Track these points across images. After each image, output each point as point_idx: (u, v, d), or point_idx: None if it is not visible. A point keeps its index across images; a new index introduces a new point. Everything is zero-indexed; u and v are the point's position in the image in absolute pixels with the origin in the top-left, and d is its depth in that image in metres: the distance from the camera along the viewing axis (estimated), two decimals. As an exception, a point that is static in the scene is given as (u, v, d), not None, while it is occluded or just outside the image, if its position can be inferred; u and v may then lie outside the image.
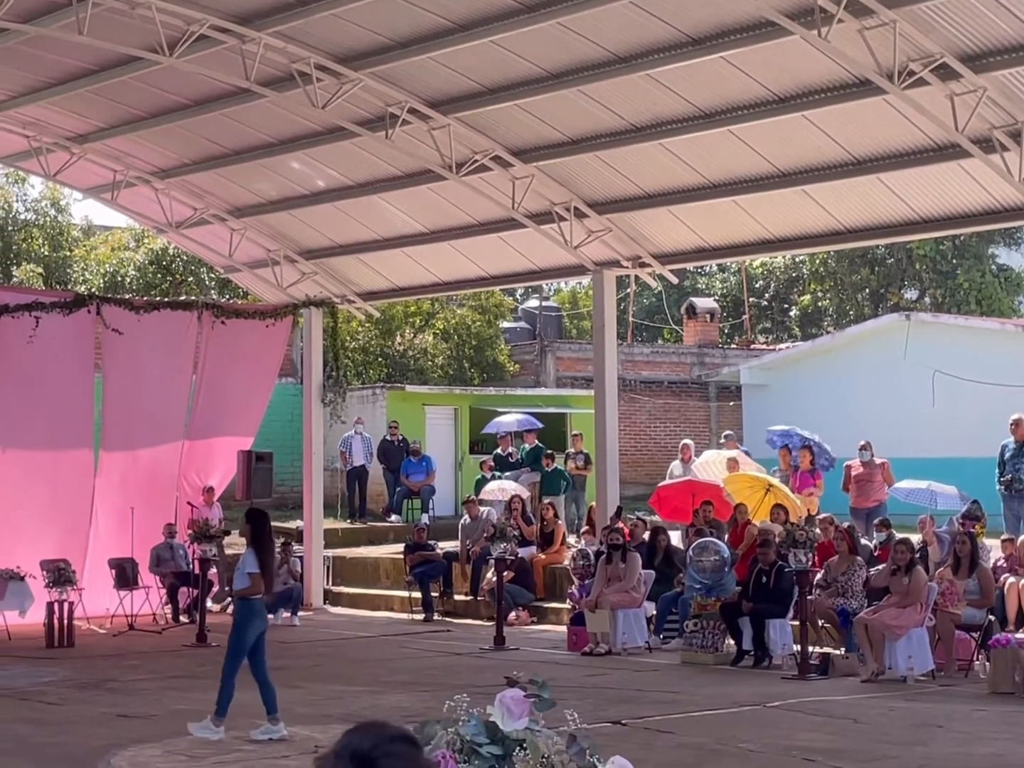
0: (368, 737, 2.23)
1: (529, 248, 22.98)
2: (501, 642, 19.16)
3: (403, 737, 2.25)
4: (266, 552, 12.98)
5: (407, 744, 2.24)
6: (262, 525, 13.02)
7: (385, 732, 2.24)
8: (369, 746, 2.21)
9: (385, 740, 2.24)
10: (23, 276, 34.23)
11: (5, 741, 12.68)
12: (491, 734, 3.63)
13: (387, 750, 2.22)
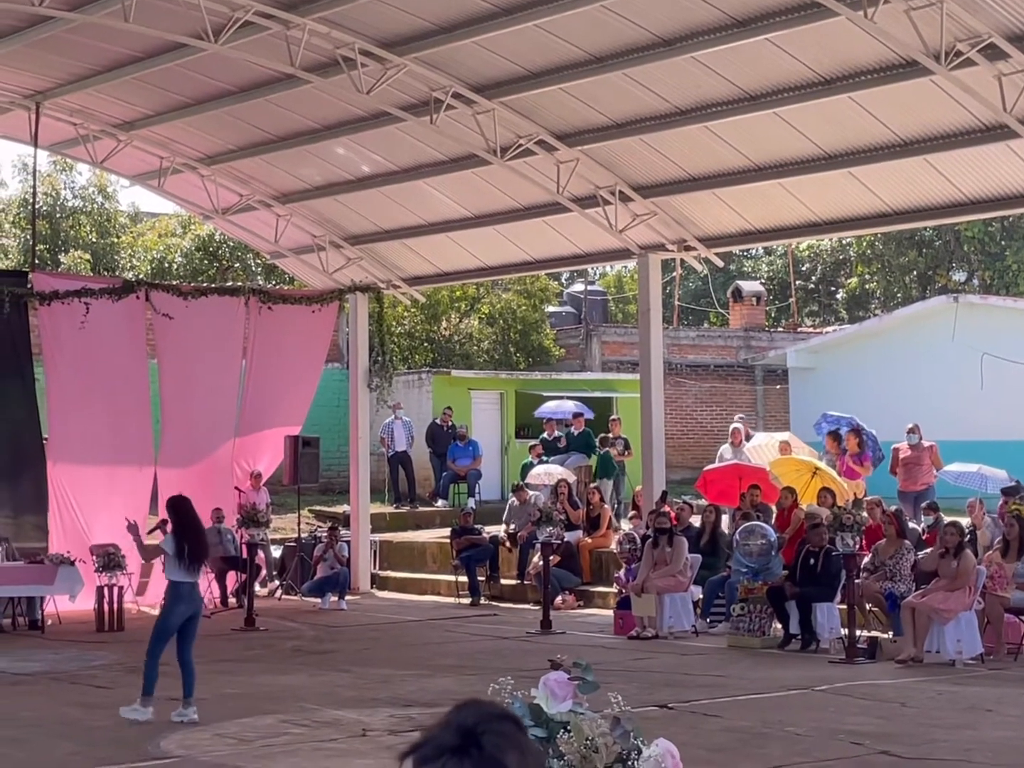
0: (473, 713, 2.29)
1: (574, 232, 22.95)
2: (548, 626, 19.18)
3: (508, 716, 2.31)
4: (187, 536, 13.13)
5: (511, 723, 2.30)
6: (182, 510, 13.37)
7: (491, 710, 2.30)
8: (474, 722, 2.27)
9: (490, 717, 2.30)
10: (71, 263, 34.45)
11: (56, 724, 12.80)
12: (535, 716, 3.64)
13: (491, 727, 2.27)
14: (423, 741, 2.33)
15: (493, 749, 2.28)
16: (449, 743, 2.28)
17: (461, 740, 2.29)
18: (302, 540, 24.77)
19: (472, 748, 2.27)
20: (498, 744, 2.29)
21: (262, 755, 11.36)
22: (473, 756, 2.26)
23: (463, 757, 2.26)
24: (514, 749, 2.30)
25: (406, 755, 2.33)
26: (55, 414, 22.62)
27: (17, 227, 36.73)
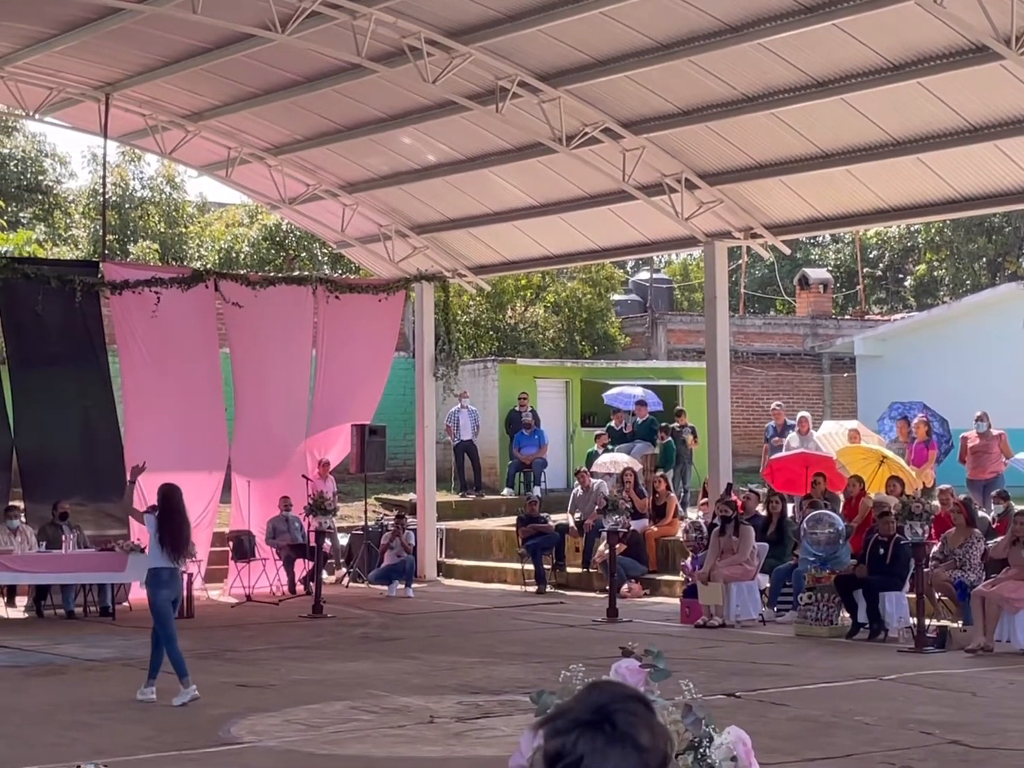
0: (607, 692, 2.37)
1: (640, 220, 22.90)
2: (614, 614, 19.19)
3: (639, 697, 2.39)
4: (169, 525, 13.47)
5: (642, 704, 2.37)
6: (168, 498, 13.69)
7: (623, 691, 2.38)
8: (607, 699, 2.35)
9: (622, 697, 2.37)
10: (140, 253, 34.75)
11: (128, 709, 12.95)
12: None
13: (623, 706, 2.35)
14: (557, 714, 2.40)
15: (626, 726, 2.34)
16: (583, 718, 2.35)
17: (594, 715, 2.36)
18: (369, 528, 24.89)
19: (605, 724, 2.33)
20: (631, 721, 2.36)
21: (331, 741, 11.44)
22: (606, 731, 2.32)
23: (596, 732, 2.32)
24: (646, 727, 2.36)
25: (541, 726, 2.40)
26: (130, 402, 22.85)
27: (87, 218, 37.10)
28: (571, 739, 2.33)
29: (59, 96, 22.74)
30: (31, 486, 22.20)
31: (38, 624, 19.97)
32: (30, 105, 22.92)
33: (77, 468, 22.26)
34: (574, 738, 2.32)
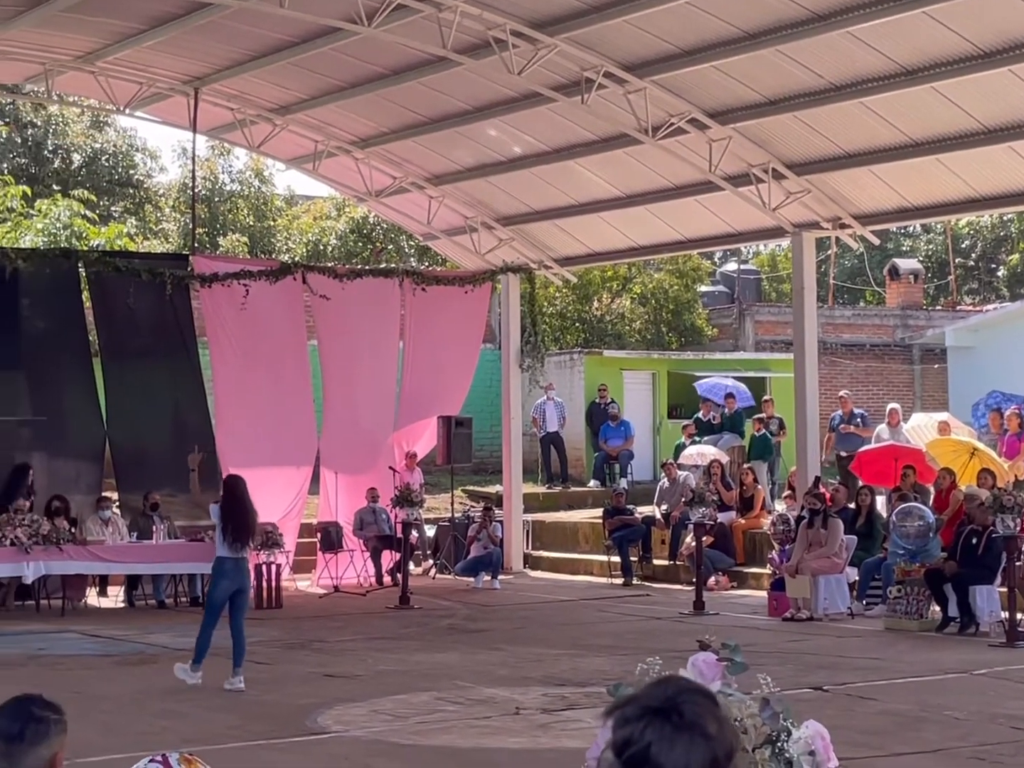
0: (674, 685, 2.42)
1: (727, 211, 22.77)
2: (701, 607, 19.12)
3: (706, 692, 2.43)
4: (232, 515, 13.69)
5: (707, 698, 2.41)
6: (231, 489, 13.99)
7: (689, 684, 2.43)
8: (675, 691, 2.38)
9: (690, 691, 2.41)
10: (229, 246, 35.05)
11: (216, 698, 13.08)
12: (684, 697, 3.64)
13: (691, 698, 2.39)
14: (627, 701, 2.42)
15: (693, 715, 2.38)
16: (652, 705, 2.37)
17: (662, 705, 2.39)
18: (455, 520, 24.96)
19: (673, 713, 2.36)
20: (698, 712, 2.39)
21: (417, 731, 11.49)
22: (674, 720, 2.35)
23: (664, 720, 2.35)
24: (713, 718, 2.39)
25: (610, 712, 2.42)
26: (220, 393, 23.06)
27: (177, 211, 37.48)
28: (639, 727, 2.34)
29: (149, 91, 22.97)
30: (123, 477, 22.49)
31: (130, 614, 20.22)
32: (121, 100, 23.17)
33: (168, 459, 22.49)
34: (642, 726, 2.34)
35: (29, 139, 36.43)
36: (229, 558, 13.66)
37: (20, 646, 16.71)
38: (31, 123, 36.57)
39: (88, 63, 21.89)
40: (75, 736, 4.62)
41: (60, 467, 22.02)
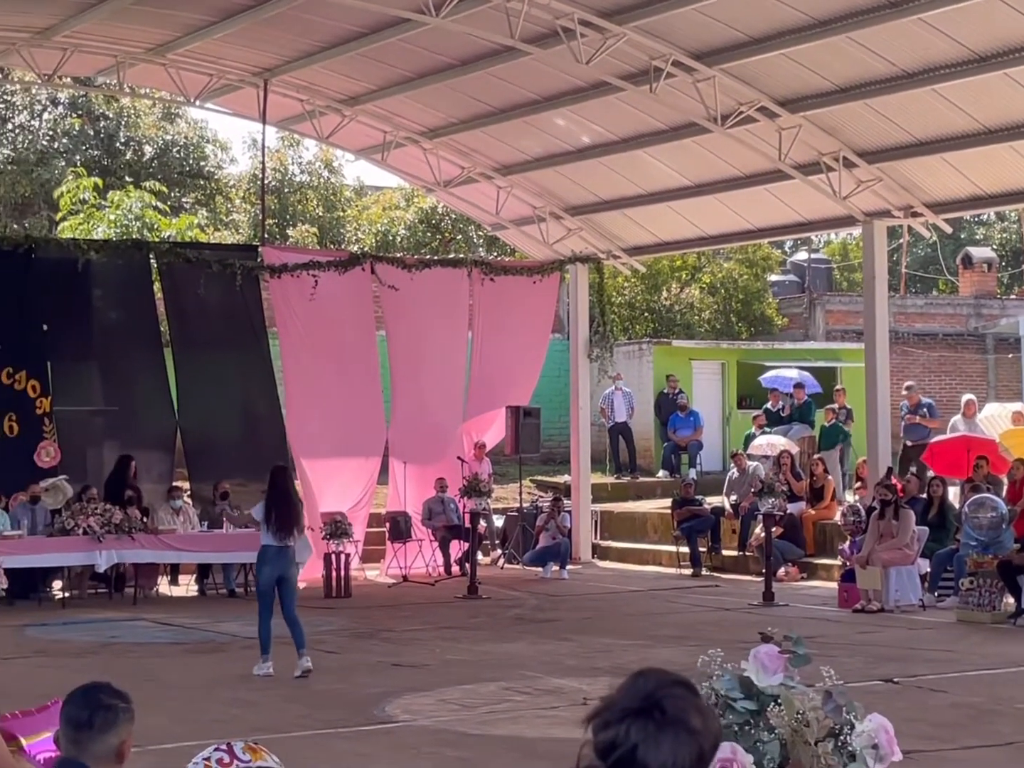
0: (652, 679, 2.37)
1: (797, 200, 22.62)
2: (770, 598, 19.03)
3: (684, 682, 2.39)
4: (275, 505, 13.91)
5: (686, 688, 2.36)
6: (274, 481, 14.19)
7: (667, 677, 2.39)
8: (653, 687, 2.34)
9: (668, 683, 2.37)
10: (298, 237, 35.20)
11: (285, 687, 13.16)
12: (745, 689, 3.62)
13: (670, 692, 2.34)
14: (605, 706, 2.39)
15: (675, 711, 2.34)
16: (632, 706, 2.34)
17: (643, 704, 2.34)
18: (524, 510, 24.97)
19: (655, 711, 2.32)
20: (680, 706, 2.35)
21: (484, 721, 11.51)
22: (656, 718, 2.31)
23: (647, 719, 2.31)
24: (695, 711, 2.35)
25: (590, 719, 2.38)
26: (290, 384, 23.19)
27: (247, 202, 37.67)
28: (622, 729, 2.32)
29: (219, 83, 23.10)
30: (194, 467, 22.66)
31: (200, 602, 20.38)
32: (191, 92, 23.32)
33: (238, 448, 22.66)
34: (625, 727, 2.31)
35: (101, 131, 36.74)
36: (272, 546, 13.93)
37: (93, 634, 16.90)
38: (103, 115, 36.88)
39: (159, 55, 22.05)
40: (146, 723, 4.66)
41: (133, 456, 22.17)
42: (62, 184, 31.68)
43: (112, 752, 4.60)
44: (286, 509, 14.00)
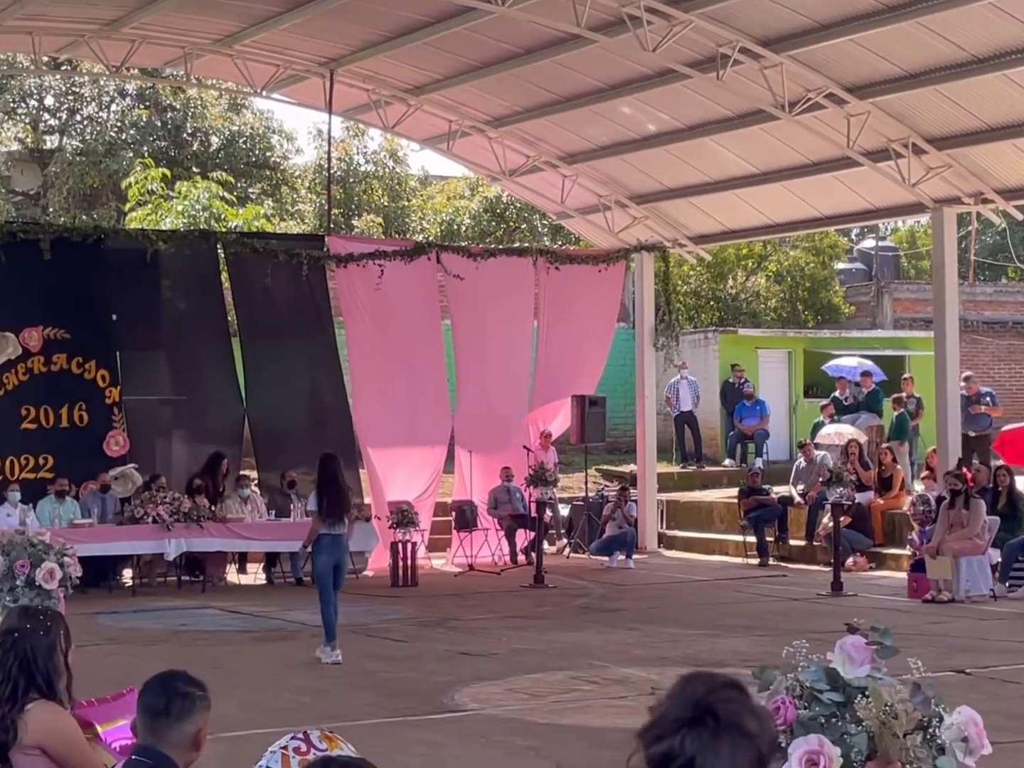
0: (701, 684, 2.29)
1: (865, 187, 22.44)
2: (838, 588, 18.91)
3: (733, 684, 2.31)
4: (326, 493, 14.08)
5: (737, 690, 2.29)
6: (324, 469, 14.31)
7: (716, 680, 2.31)
8: (703, 692, 2.26)
9: (717, 686, 2.29)
10: (363, 226, 35.29)
11: (354, 675, 13.21)
12: (831, 681, 3.58)
13: (721, 695, 2.27)
14: (658, 718, 2.32)
15: (729, 716, 2.27)
16: (685, 716, 2.27)
17: (695, 712, 2.28)
18: (589, 499, 24.94)
19: (707, 718, 2.25)
20: (733, 710, 2.28)
21: (553, 710, 11.51)
22: (710, 726, 2.25)
23: (701, 728, 2.24)
24: (749, 714, 2.29)
25: (644, 733, 2.32)
26: (356, 373, 23.25)
27: (313, 192, 37.80)
28: (677, 740, 2.25)
29: (285, 73, 23.18)
30: (262, 456, 22.77)
31: (268, 591, 20.49)
32: (258, 82, 23.41)
33: (305, 438, 22.72)
34: (680, 739, 2.24)
35: (169, 122, 36.98)
36: (326, 534, 14.10)
37: (162, 622, 17.04)
38: (170, 107, 37.12)
39: (226, 46, 22.15)
40: (216, 711, 4.68)
41: (200, 446, 22.34)
42: (130, 175, 31.90)
43: (188, 740, 4.63)
44: (336, 496, 14.20)
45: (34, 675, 5.40)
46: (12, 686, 5.37)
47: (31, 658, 5.39)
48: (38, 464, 20.87)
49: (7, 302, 20.89)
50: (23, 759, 5.32)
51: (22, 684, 5.38)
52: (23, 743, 5.28)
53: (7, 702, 5.35)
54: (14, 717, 5.32)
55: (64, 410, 21.21)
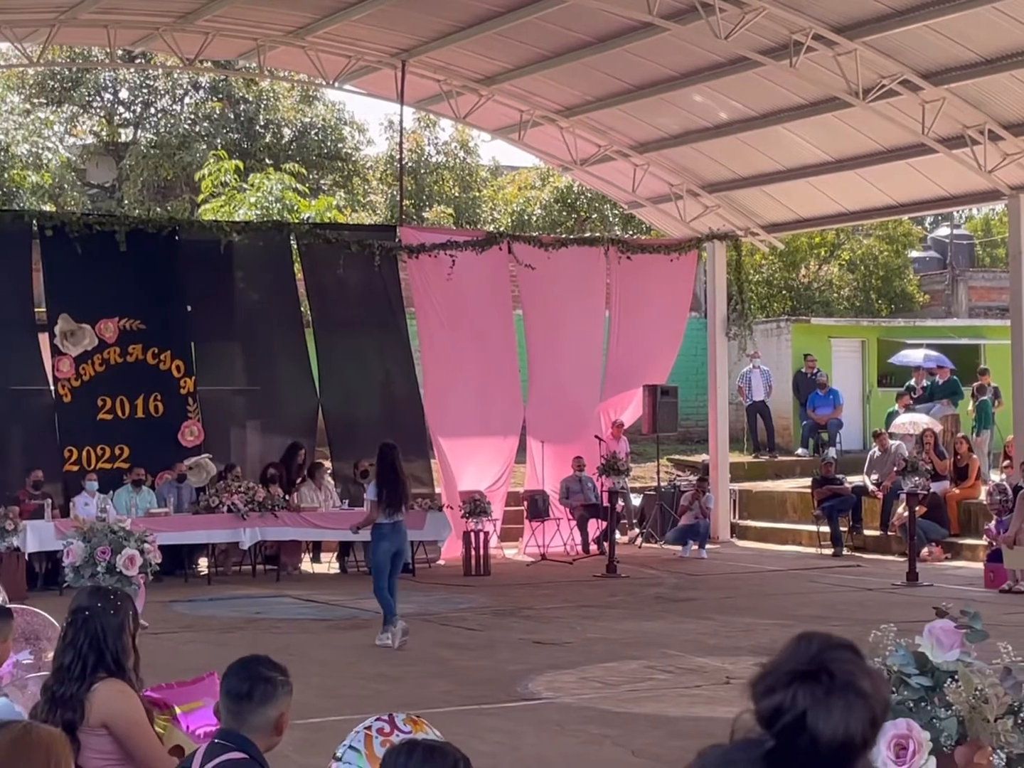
0: (817, 642, 2.27)
1: (940, 174, 22.23)
2: (914, 578, 18.77)
3: (848, 645, 2.28)
4: (385, 482, 14.35)
5: (852, 651, 2.26)
6: (383, 458, 14.54)
7: (832, 639, 2.28)
8: (818, 649, 2.24)
9: (832, 646, 2.26)
10: (434, 217, 35.39)
11: (429, 663, 13.27)
12: (920, 665, 3.56)
13: (836, 655, 2.24)
14: (768, 670, 2.29)
15: (845, 674, 2.23)
16: (799, 669, 2.24)
17: (810, 667, 2.25)
18: (661, 489, 24.89)
19: (823, 674, 2.22)
20: (849, 669, 2.25)
21: (627, 699, 11.51)
22: (824, 682, 2.21)
23: (815, 683, 2.21)
24: (865, 675, 2.25)
25: (755, 684, 2.29)
26: (428, 363, 23.31)
27: (384, 183, 37.95)
28: (789, 694, 2.21)
29: (357, 64, 23.25)
30: (335, 445, 22.87)
31: (342, 579, 20.58)
32: (330, 74, 23.50)
33: (378, 427, 22.78)
34: (792, 692, 2.20)
35: (242, 115, 37.23)
36: (386, 523, 14.37)
37: (237, 610, 17.17)
38: (243, 99, 37.36)
39: (298, 38, 22.25)
40: (292, 698, 4.70)
41: (274, 436, 22.48)
42: (203, 167, 32.14)
43: (271, 724, 4.66)
44: (395, 485, 14.45)
45: (104, 654, 5.40)
46: (82, 664, 5.37)
47: (102, 637, 5.40)
48: (114, 454, 21.07)
49: (84, 294, 21.10)
50: (90, 739, 5.36)
51: (91, 662, 5.38)
52: (89, 722, 5.30)
53: (76, 680, 5.36)
54: (82, 696, 5.34)
55: (140, 401, 21.41)
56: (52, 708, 5.32)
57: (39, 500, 19.31)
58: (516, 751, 9.98)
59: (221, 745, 4.61)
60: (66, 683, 5.35)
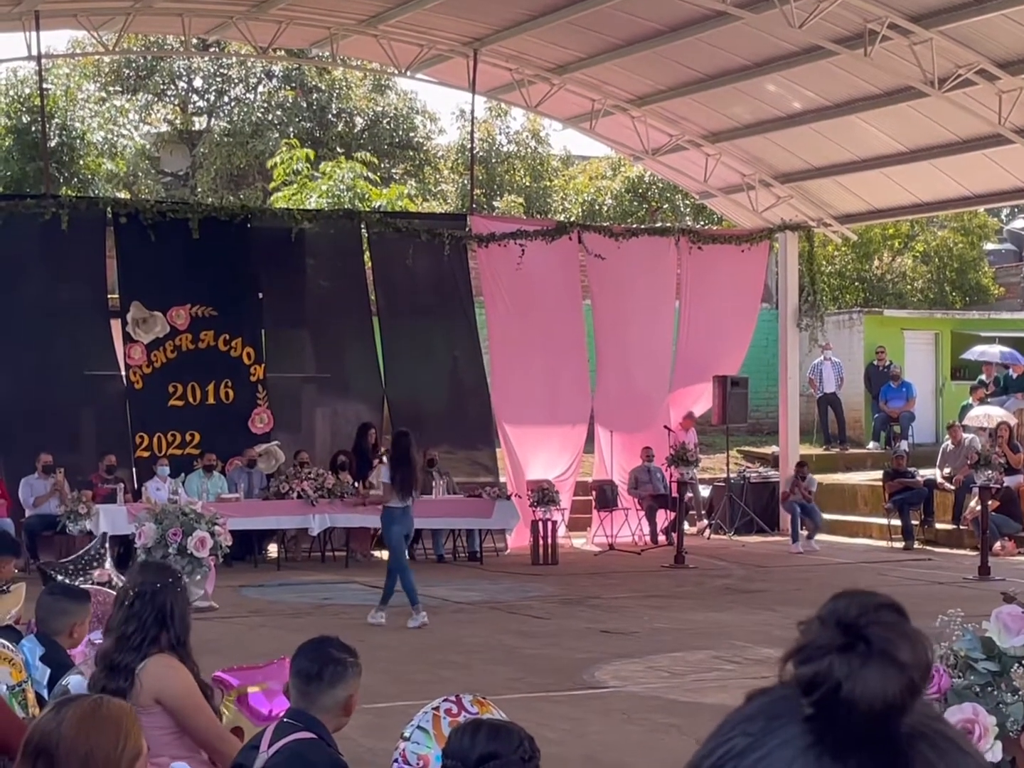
0: (854, 604, 2.18)
1: (1017, 165, 21.98)
2: (985, 572, 18.59)
3: (890, 605, 2.18)
4: (399, 467, 14.73)
5: (894, 612, 2.17)
6: (398, 444, 15.03)
7: (872, 600, 2.17)
8: (856, 613, 2.16)
9: (872, 608, 2.17)
10: (505, 207, 35.40)
11: (495, 651, 13.29)
12: (987, 650, 3.53)
13: (875, 618, 2.15)
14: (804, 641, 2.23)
15: (882, 642, 2.16)
16: (834, 640, 2.18)
17: (845, 636, 2.18)
18: (731, 480, 24.79)
19: (859, 643, 2.16)
20: (887, 637, 2.16)
21: (693, 689, 11.48)
22: (860, 652, 2.15)
23: (850, 653, 2.15)
24: (904, 640, 2.17)
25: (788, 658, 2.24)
26: (496, 353, 23.34)
27: (455, 173, 37.99)
28: (824, 665, 2.16)
29: (429, 53, 23.29)
30: (403, 434, 22.91)
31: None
32: (402, 63, 23.56)
33: (445, 416, 22.91)
34: (827, 664, 2.15)
35: (314, 103, 37.40)
36: (398, 506, 14.77)
37: (307, 596, 17.28)
38: (316, 88, 37.53)
39: (371, 27, 22.31)
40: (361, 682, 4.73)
41: (343, 423, 22.59)
42: (276, 155, 32.32)
43: (340, 705, 4.70)
44: (408, 471, 14.80)
45: (168, 629, 5.39)
46: (143, 636, 5.36)
47: (168, 611, 5.41)
48: (185, 440, 21.25)
49: (156, 281, 21.28)
50: (144, 718, 5.38)
51: (152, 635, 5.37)
52: (140, 700, 5.24)
53: (134, 651, 5.34)
54: (135, 666, 5.32)
55: (210, 387, 21.58)
56: (110, 675, 5.31)
57: (112, 484, 19.51)
58: (582, 738, 9.98)
59: (290, 724, 4.65)
60: (125, 652, 5.35)
